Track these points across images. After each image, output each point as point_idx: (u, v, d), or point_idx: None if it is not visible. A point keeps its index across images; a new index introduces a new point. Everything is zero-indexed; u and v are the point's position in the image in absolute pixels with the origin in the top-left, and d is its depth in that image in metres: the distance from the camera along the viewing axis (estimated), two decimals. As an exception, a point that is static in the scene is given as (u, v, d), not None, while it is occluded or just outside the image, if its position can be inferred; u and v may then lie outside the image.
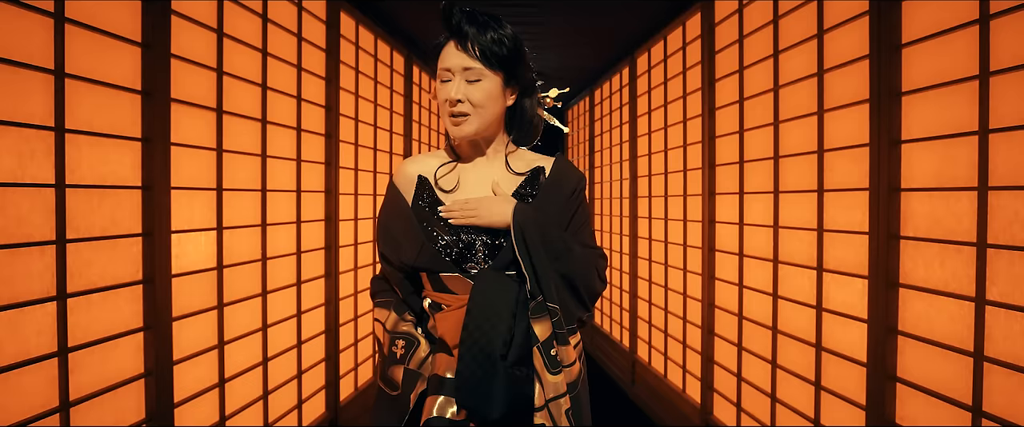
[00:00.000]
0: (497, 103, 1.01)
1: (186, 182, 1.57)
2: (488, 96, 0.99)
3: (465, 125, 0.99)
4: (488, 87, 0.98)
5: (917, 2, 1.37)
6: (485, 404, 0.91)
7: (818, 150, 1.71)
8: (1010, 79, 1.15)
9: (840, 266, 1.63)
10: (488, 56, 0.96)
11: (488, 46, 0.96)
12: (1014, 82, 1.14)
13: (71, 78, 1.21)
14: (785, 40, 1.87)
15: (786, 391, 1.90)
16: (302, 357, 2.20)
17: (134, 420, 1.41)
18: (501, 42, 0.97)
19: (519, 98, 1.07)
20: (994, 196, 1.18)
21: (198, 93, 1.61)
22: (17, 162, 1.11)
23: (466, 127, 0.99)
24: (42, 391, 1.18)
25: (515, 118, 1.09)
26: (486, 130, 1.03)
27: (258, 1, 1.88)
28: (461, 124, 0.99)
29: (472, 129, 1.00)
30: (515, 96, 1.06)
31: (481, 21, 0.97)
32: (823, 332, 1.71)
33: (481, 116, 0.99)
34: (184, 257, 1.56)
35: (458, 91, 0.97)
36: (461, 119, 0.99)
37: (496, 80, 0.99)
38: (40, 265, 1.17)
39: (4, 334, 1.09)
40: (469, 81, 0.98)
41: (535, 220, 0.97)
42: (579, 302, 1.02)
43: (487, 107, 0.99)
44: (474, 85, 0.98)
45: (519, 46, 1.01)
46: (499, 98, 1.01)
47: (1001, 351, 1.17)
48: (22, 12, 1.11)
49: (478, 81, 0.97)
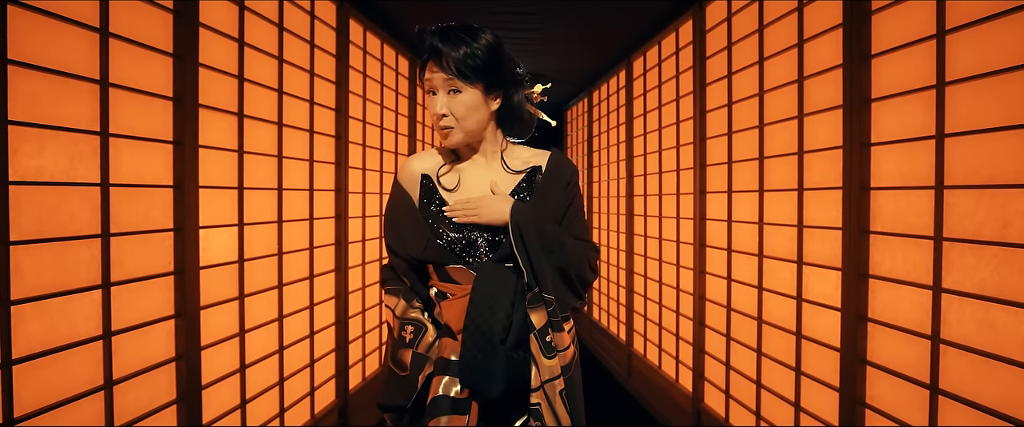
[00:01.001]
0: (479, 111, 1.07)
1: (212, 181, 1.69)
2: (469, 107, 1.05)
3: (451, 136, 1.07)
4: (468, 100, 1.04)
5: (885, 15, 1.49)
6: (486, 383, 1.00)
7: (798, 151, 1.84)
8: (964, 88, 1.27)
9: (818, 259, 1.76)
10: (463, 70, 1.01)
11: (462, 61, 1.01)
12: (967, 91, 1.27)
13: (114, 87, 1.34)
14: (769, 48, 2.00)
15: (770, 377, 2.03)
16: (314, 347, 2.33)
17: (166, 399, 1.53)
18: (474, 56, 1.01)
19: (506, 97, 1.12)
20: (949, 194, 1.31)
21: (222, 98, 1.74)
22: (69, 164, 1.24)
23: (452, 138, 1.08)
24: (89, 371, 1.30)
25: (506, 115, 1.14)
26: (473, 137, 1.10)
27: (275, 10, 2.00)
28: (448, 136, 1.08)
29: (457, 139, 1.08)
30: (499, 99, 1.11)
31: (453, 37, 1.01)
32: (803, 321, 1.84)
33: (464, 127, 1.06)
34: (210, 251, 1.69)
35: (442, 106, 1.04)
36: (447, 131, 1.07)
37: (475, 91, 1.05)
38: (87, 256, 1.29)
39: (57, 319, 1.22)
40: (451, 92, 1.04)
41: (531, 217, 1.06)
42: (572, 291, 1.12)
43: (469, 117, 1.06)
44: (455, 98, 1.04)
45: (495, 53, 1.05)
46: (481, 106, 1.07)
47: (955, 334, 1.30)
48: (71, 28, 1.24)
49: (458, 93, 1.04)
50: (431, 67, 1.05)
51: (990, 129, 1.21)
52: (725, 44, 2.30)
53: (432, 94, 1.07)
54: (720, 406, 2.39)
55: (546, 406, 1.03)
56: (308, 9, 2.24)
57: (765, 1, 2.01)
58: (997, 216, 1.20)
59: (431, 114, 1.08)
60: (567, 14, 2.91)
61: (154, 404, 1.49)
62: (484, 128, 1.11)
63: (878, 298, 1.53)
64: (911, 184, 1.41)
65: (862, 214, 1.56)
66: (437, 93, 1.06)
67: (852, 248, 1.58)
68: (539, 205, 1.11)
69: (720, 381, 2.39)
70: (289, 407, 2.14)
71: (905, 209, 1.43)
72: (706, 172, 2.50)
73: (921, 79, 1.38)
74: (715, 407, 2.43)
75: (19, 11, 1.12)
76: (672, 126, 2.87)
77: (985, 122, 1.23)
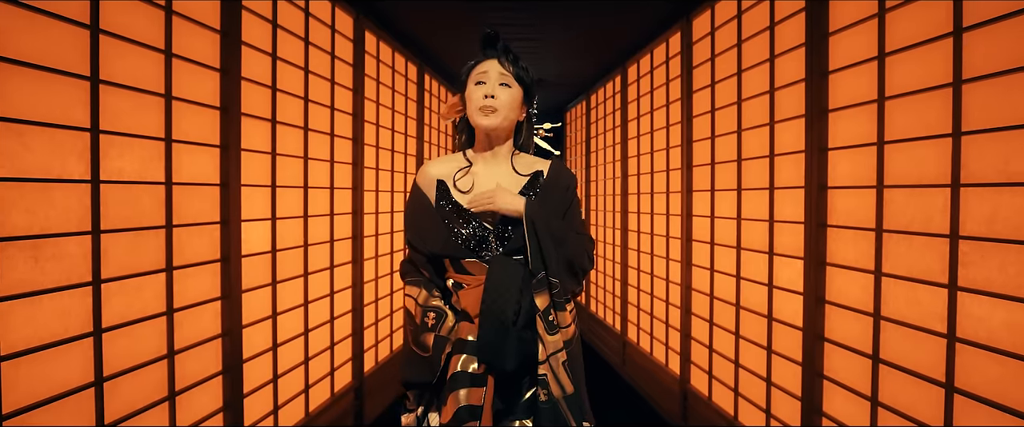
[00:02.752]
0: (515, 109, 1.27)
1: (250, 180, 1.92)
2: (512, 99, 1.25)
3: (492, 116, 1.23)
4: (514, 93, 1.26)
5: (841, 36, 1.72)
6: (500, 360, 1.16)
7: (770, 154, 2.06)
8: (902, 102, 1.50)
9: (785, 250, 1.99)
10: (518, 74, 1.26)
11: (519, 67, 1.27)
12: (904, 105, 1.49)
13: (177, 100, 1.56)
14: (747, 61, 2.22)
15: (747, 357, 2.26)
16: (334, 331, 2.55)
17: (215, 370, 1.76)
18: (527, 70, 1.28)
19: (526, 118, 1.35)
20: (887, 192, 1.54)
21: (259, 107, 1.96)
22: (143, 166, 1.46)
23: (493, 118, 1.23)
24: (154, 343, 1.53)
25: (520, 130, 1.35)
26: (504, 126, 1.26)
27: (301, 25, 2.23)
28: (489, 115, 1.23)
29: (496, 121, 1.23)
30: (524, 113, 1.33)
31: (514, 53, 1.28)
32: (773, 305, 2.07)
33: (504, 113, 1.24)
34: (249, 241, 1.92)
35: (492, 89, 1.23)
36: (490, 111, 1.23)
37: (519, 92, 1.27)
38: (154, 245, 1.52)
39: (132, 298, 1.45)
40: (501, 85, 1.24)
41: (540, 211, 1.22)
42: (573, 277, 1.30)
43: (510, 107, 1.25)
44: (504, 89, 1.24)
45: (534, 81, 1.32)
46: (518, 105, 1.27)
47: (892, 311, 1.53)
48: (139, 49, 1.46)
49: (509, 87, 1.25)
50: (492, 62, 1.26)
51: (920, 138, 1.44)
52: (709, 56, 2.53)
53: (480, 84, 1.25)
54: (704, 386, 2.62)
55: (552, 376, 1.20)
56: (329, 23, 2.46)
57: (743, 16, 2.24)
58: (925, 211, 1.43)
59: (474, 99, 1.25)
60: (567, 23, 3.14)
61: (205, 374, 1.72)
62: (512, 124, 1.29)
63: (834, 283, 1.76)
64: (860, 184, 1.64)
65: (821, 210, 1.79)
66: (487, 82, 1.24)
67: (812, 240, 1.81)
68: (544, 203, 1.26)
69: (704, 363, 2.62)
70: (313, 384, 2.37)
71: (854, 206, 1.66)
72: (692, 172, 2.73)
73: (866, 93, 1.61)
74: (700, 387, 2.66)
75: (109, 39, 1.35)
76: (663, 129, 3.10)
77: (918, 131, 1.45)
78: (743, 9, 2.23)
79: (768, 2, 2.06)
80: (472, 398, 1.19)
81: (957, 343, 1.34)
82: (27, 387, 1.18)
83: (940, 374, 1.38)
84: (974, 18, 1.30)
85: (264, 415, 2.01)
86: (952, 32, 1.34)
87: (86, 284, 1.30)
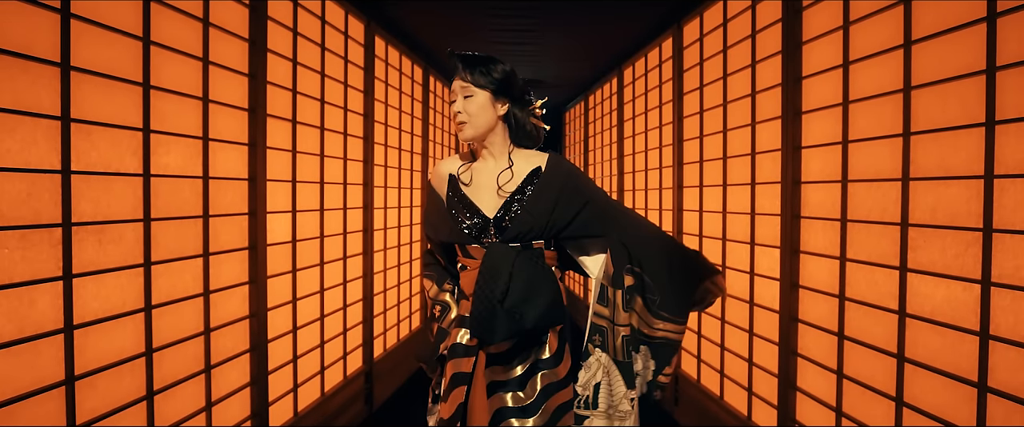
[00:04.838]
0: (486, 112, 1.30)
1: (274, 176, 2.09)
2: (479, 107, 1.29)
3: (466, 129, 1.31)
4: (479, 99, 1.29)
5: (814, 44, 1.89)
6: (488, 333, 1.24)
7: (751, 152, 2.24)
8: (863, 106, 1.67)
9: (764, 240, 2.16)
10: (476, 80, 1.29)
11: (475, 71, 1.29)
12: (865, 108, 1.67)
13: (212, 102, 1.74)
14: (731, 65, 2.40)
15: (731, 340, 2.44)
16: (347, 318, 2.73)
17: (243, 348, 1.94)
18: (487, 72, 1.29)
19: (510, 108, 1.35)
20: (851, 186, 1.71)
21: (281, 108, 2.14)
22: (184, 162, 1.64)
23: (466, 131, 1.32)
24: (192, 321, 1.70)
25: (513, 125, 1.37)
26: (483, 133, 1.32)
27: (318, 31, 2.40)
28: (462, 129, 1.32)
29: (470, 132, 1.31)
30: (506, 106, 1.34)
31: (472, 59, 1.30)
32: (755, 291, 2.24)
33: (474, 123, 1.30)
34: (273, 232, 2.09)
35: (458, 106, 1.31)
36: (461, 125, 1.32)
37: (485, 94, 1.30)
38: (192, 233, 1.69)
39: (175, 279, 1.62)
40: (466, 97, 1.30)
41: (605, 328, 1.32)
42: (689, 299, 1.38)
43: (478, 115, 1.30)
44: (468, 100, 1.30)
45: (504, 72, 1.32)
46: (488, 108, 1.31)
47: (855, 292, 1.70)
48: (181, 57, 1.63)
49: (471, 97, 1.30)
50: (455, 81, 1.36)
51: (877, 137, 1.61)
52: (698, 60, 2.70)
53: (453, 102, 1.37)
54: (693, 370, 2.79)
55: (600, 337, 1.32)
56: (342, 29, 2.64)
57: (729, 24, 2.41)
58: (880, 203, 1.60)
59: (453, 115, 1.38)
60: (565, 27, 3.31)
61: (235, 350, 1.89)
62: (492, 127, 1.33)
63: (806, 268, 1.93)
64: (829, 179, 1.81)
65: (795, 203, 1.96)
66: (455, 99, 1.32)
67: (787, 230, 1.98)
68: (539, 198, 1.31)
69: (692, 348, 2.79)
70: (328, 366, 2.54)
71: (824, 198, 1.84)
72: (683, 169, 2.90)
73: (834, 97, 1.78)
74: (689, 371, 2.84)
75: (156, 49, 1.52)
76: (656, 129, 3.27)
77: (876, 131, 1.63)
78: (728, 17, 2.41)
79: (750, 12, 2.23)
80: (463, 366, 1.33)
81: (907, 318, 1.51)
82: (94, 353, 1.35)
83: (893, 346, 1.56)
84: (922, 32, 1.47)
85: (285, 392, 2.19)
86: (903, 44, 1.52)
87: (139, 266, 1.48)
